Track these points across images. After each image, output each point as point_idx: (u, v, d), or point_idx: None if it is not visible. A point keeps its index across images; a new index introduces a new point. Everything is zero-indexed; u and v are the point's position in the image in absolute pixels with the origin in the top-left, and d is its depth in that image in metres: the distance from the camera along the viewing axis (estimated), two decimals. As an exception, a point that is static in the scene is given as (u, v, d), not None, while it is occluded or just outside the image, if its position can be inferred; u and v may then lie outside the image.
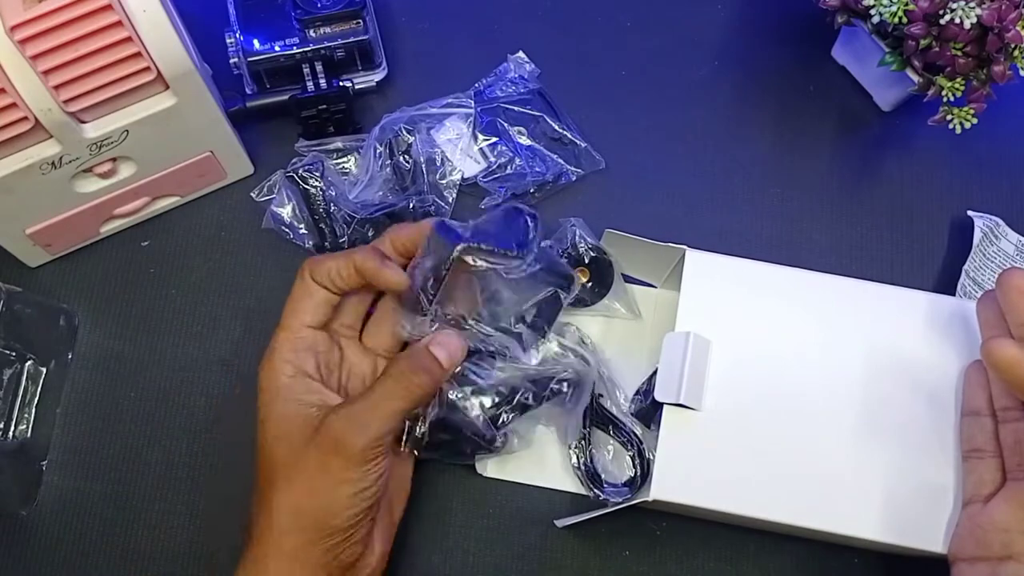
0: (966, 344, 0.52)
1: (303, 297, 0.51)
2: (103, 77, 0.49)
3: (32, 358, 0.58)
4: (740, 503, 0.49)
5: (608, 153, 0.64)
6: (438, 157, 0.62)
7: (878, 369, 0.51)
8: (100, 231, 0.62)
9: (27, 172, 0.51)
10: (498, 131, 0.64)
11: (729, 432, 0.50)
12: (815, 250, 0.64)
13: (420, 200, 0.61)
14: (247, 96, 0.62)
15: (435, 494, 0.58)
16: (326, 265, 0.51)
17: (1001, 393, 0.49)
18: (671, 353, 0.51)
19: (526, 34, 0.69)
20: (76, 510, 0.58)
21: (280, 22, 0.61)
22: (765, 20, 0.70)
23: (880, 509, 0.49)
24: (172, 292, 0.62)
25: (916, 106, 0.62)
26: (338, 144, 0.63)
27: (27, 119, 0.48)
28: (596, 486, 0.56)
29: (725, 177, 0.65)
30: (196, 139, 0.58)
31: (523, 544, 0.57)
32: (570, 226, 0.59)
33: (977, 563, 0.46)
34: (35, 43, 0.46)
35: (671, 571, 0.57)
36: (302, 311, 0.51)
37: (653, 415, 0.55)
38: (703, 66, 0.68)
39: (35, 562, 0.57)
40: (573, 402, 0.54)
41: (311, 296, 0.51)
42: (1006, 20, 0.53)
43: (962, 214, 0.63)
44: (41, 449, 0.58)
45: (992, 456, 0.49)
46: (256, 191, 0.63)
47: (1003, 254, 0.62)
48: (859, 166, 0.66)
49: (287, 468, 0.47)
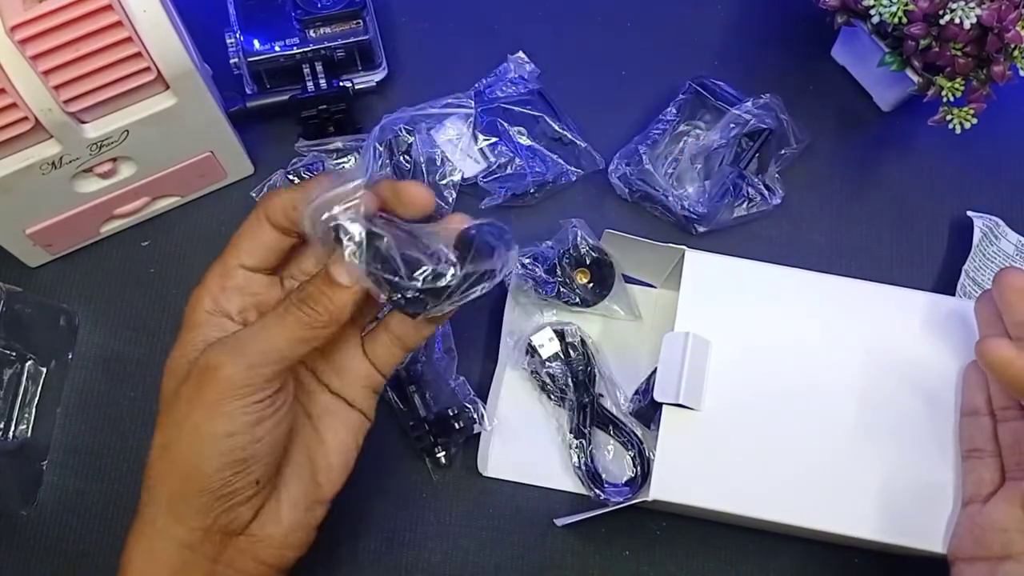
0: (965, 344, 0.52)
1: (247, 234, 0.45)
2: (103, 77, 0.49)
3: (32, 358, 0.58)
4: (740, 503, 0.49)
5: (608, 153, 0.64)
6: (438, 157, 0.62)
7: (878, 369, 0.52)
8: (100, 231, 0.62)
9: (27, 172, 0.51)
10: (498, 131, 0.64)
11: (728, 432, 0.50)
12: (815, 250, 0.64)
13: (420, 200, 0.61)
14: (247, 96, 0.62)
15: (435, 493, 0.58)
16: (281, 198, 0.44)
17: (1000, 393, 0.49)
18: (670, 353, 0.51)
19: (526, 34, 0.69)
20: (76, 510, 0.58)
21: (280, 22, 0.61)
22: (765, 20, 0.70)
23: (880, 509, 0.49)
24: (172, 292, 0.62)
25: (916, 106, 0.62)
26: (338, 144, 0.63)
27: (27, 119, 0.48)
28: (596, 486, 0.56)
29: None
30: (196, 139, 0.58)
31: (523, 544, 0.57)
32: (571, 227, 0.59)
33: (976, 563, 0.46)
34: (35, 43, 0.46)
35: (671, 571, 0.57)
36: (243, 250, 0.45)
37: (652, 415, 0.55)
38: (703, 66, 0.68)
39: (35, 562, 0.57)
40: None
41: (256, 235, 0.45)
42: (1006, 20, 0.53)
43: (962, 214, 0.63)
44: (41, 449, 0.58)
45: (991, 456, 0.49)
46: (256, 191, 0.63)
47: (1003, 254, 0.62)
48: (859, 166, 0.66)
49: (165, 404, 0.43)
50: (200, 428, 0.41)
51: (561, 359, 0.58)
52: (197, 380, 0.41)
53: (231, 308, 0.45)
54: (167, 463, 0.42)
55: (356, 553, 0.57)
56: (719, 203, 0.62)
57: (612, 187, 0.63)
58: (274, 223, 0.44)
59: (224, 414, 0.41)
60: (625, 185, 0.63)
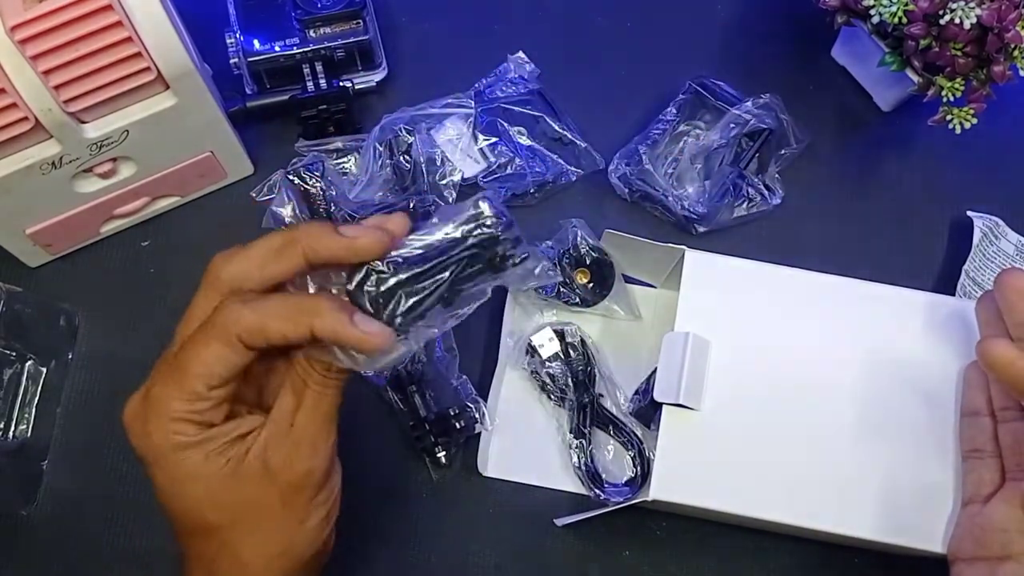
0: (965, 344, 0.51)
1: (215, 361, 0.39)
2: (103, 77, 0.49)
3: (32, 358, 0.58)
4: (740, 503, 0.49)
5: (608, 153, 0.64)
6: (438, 157, 0.62)
7: (878, 369, 0.51)
8: (100, 231, 0.62)
9: (27, 172, 0.51)
10: (498, 131, 0.64)
11: (728, 432, 0.50)
12: (815, 250, 0.64)
13: (420, 200, 0.61)
14: (247, 96, 0.62)
15: (435, 493, 0.58)
16: (272, 328, 0.38)
17: (1000, 393, 0.49)
18: (670, 353, 0.51)
19: (526, 34, 0.69)
20: (76, 510, 0.58)
21: (280, 22, 0.61)
22: (765, 20, 0.70)
23: (880, 509, 0.49)
24: (172, 292, 0.62)
25: (916, 106, 0.62)
26: (338, 144, 0.63)
27: (27, 119, 0.48)
28: (596, 486, 0.56)
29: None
30: (196, 139, 0.58)
31: (523, 544, 0.57)
32: (571, 227, 0.59)
33: (976, 563, 0.46)
34: (35, 43, 0.46)
35: (671, 571, 0.57)
36: (210, 376, 0.39)
37: (652, 415, 0.55)
38: (703, 66, 0.68)
39: (35, 562, 0.57)
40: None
41: (226, 360, 0.39)
42: (1006, 20, 0.53)
43: (962, 214, 0.63)
44: (41, 449, 0.58)
45: (991, 456, 0.49)
46: (256, 191, 0.63)
47: (1003, 254, 0.62)
48: (859, 166, 0.66)
49: (243, 518, 0.41)
50: (305, 526, 0.42)
51: (561, 359, 0.58)
52: (285, 494, 0.41)
53: (216, 417, 0.41)
54: (271, 568, 0.42)
55: (356, 553, 0.57)
56: (719, 203, 0.62)
57: (612, 187, 0.63)
58: (251, 345, 0.39)
59: (320, 503, 0.42)
60: (625, 185, 0.63)
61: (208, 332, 0.39)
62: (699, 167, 0.63)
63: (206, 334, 0.39)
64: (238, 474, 0.40)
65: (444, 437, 0.57)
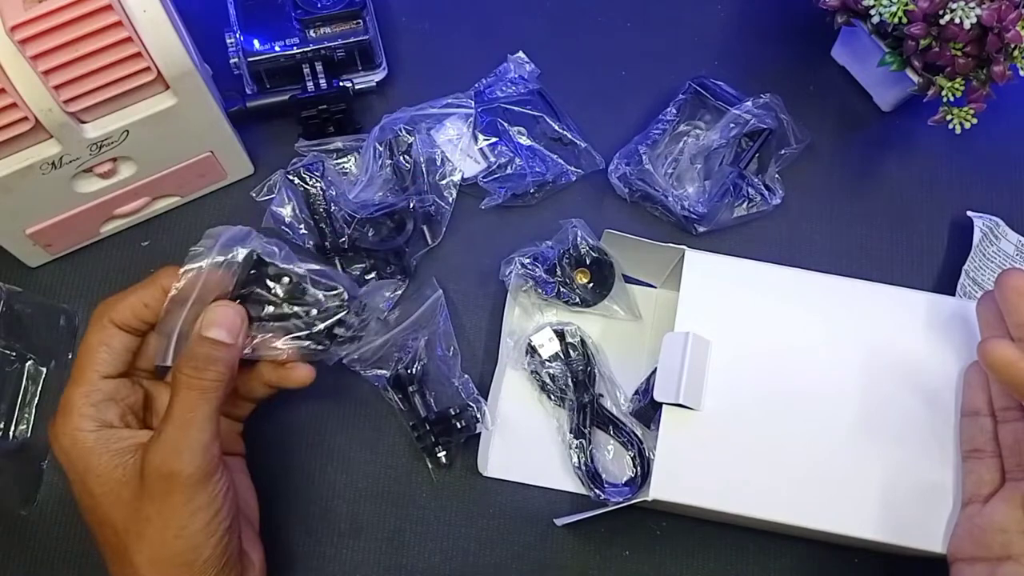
0: (966, 344, 0.52)
1: (99, 346, 0.47)
2: (103, 77, 0.49)
3: (32, 358, 0.58)
4: (740, 503, 0.49)
5: (608, 153, 0.64)
6: (438, 157, 0.62)
7: (878, 369, 0.52)
8: (100, 231, 0.62)
9: (27, 172, 0.51)
10: (498, 131, 0.64)
11: (728, 432, 0.50)
12: (815, 250, 0.64)
13: (420, 200, 0.61)
14: (247, 96, 0.62)
15: (435, 493, 0.58)
16: (127, 301, 0.47)
17: (1001, 393, 0.49)
18: (670, 353, 0.51)
19: (526, 34, 0.69)
20: (76, 510, 0.57)
21: (280, 22, 0.61)
22: (765, 20, 0.70)
23: (879, 509, 0.49)
24: (172, 292, 0.62)
25: (916, 106, 0.62)
26: (338, 144, 0.63)
27: (27, 119, 0.48)
28: (596, 486, 0.56)
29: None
30: (196, 139, 0.58)
31: (523, 544, 0.57)
32: (571, 227, 0.59)
33: (976, 563, 0.46)
34: (35, 43, 0.46)
35: (671, 571, 0.57)
36: (99, 362, 0.47)
37: (652, 415, 0.55)
38: (703, 66, 0.68)
39: (35, 562, 0.57)
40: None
41: (108, 344, 0.47)
42: (1006, 20, 0.53)
43: (962, 214, 0.63)
44: (41, 449, 0.58)
45: (991, 456, 0.49)
46: (256, 191, 0.63)
47: (1003, 254, 0.62)
48: (859, 166, 0.66)
49: (130, 523, 0.45)
50: (189, 527, 0.44)
51: (561, 359, 0.58)
52: (162, 493, 0.44)
53: (111, 418, 0.47)
54: (161, 573, 0.45)
55: (356, 553, 0.57)
56: (719, 203, 0.62)
57: (612, 187, 0.63)
58: (124, 326, 0.48)
59: (203, 506, 0.44)
60: (625, 185, 0.63)
61: (87, 331, 0.48)
62: (699, 167, 0.63)
63: (86, 332, 0.48)
64: (128, 480, 0.45)
65: (445, 437, 0.57)
